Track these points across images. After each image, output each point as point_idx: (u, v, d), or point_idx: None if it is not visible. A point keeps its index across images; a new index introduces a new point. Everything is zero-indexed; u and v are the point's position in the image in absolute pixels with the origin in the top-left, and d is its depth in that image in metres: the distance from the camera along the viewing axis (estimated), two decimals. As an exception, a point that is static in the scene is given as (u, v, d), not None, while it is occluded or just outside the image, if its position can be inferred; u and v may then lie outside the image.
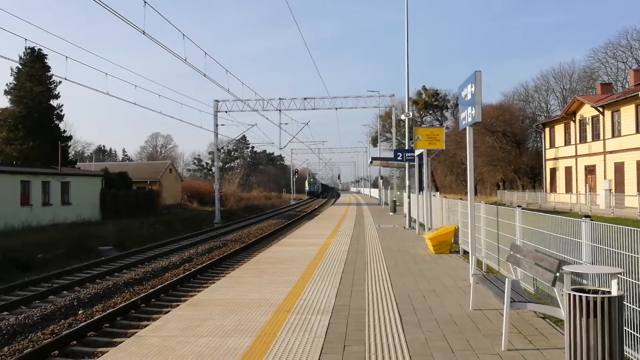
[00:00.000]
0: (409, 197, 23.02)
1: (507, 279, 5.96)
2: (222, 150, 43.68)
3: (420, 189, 21.72)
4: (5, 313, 12.17)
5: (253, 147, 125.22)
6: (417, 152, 19.60)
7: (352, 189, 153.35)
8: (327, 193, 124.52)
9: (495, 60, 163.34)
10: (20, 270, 19.40)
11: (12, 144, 42.16)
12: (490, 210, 10.72)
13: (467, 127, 8.98)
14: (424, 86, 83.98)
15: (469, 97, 8.58)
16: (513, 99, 74.40)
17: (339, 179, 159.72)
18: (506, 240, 9.21)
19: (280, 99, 43.84)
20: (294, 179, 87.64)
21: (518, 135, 65.85)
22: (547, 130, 51.33)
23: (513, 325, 6.42)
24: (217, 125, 44.49)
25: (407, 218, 22.42)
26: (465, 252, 12.75)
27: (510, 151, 64.74)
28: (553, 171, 49.53)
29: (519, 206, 9.39)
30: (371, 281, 9.78)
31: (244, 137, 72.99)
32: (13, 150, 41.95)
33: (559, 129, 48.34)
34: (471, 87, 8.43)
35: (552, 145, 49.87)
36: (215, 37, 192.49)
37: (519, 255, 7.24)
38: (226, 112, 44.31)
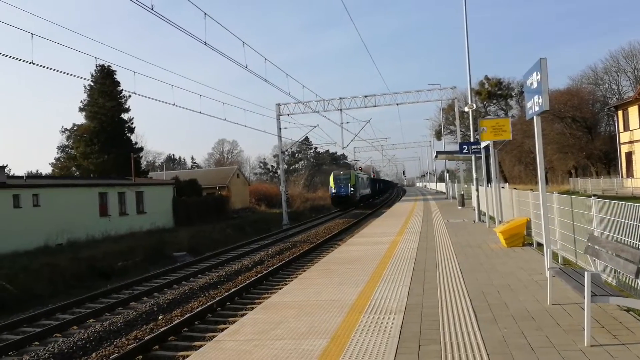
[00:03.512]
0: (477, 190, 22.51)
1: (586, 272, 5.73)
2: (286, 153, 44.84)
3: (488, 181, 21.20)
4: (91, 320, 12.87)
5: (316, 148, 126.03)
6: (483, 144, 19.13)
7: (418, 184, 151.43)
8: (387, 192, 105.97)
9: (559, 43, 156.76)
10: (103, 278, 20.46)
11: (88, 158, 44.53)
12: (563, 201, 10.32)
13: (535, 116, 8.70)
14: (486, 76, 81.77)
15: (535, 85, 8.31)
16: (581, 83, 71.01)
17: (403, 174, 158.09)
18: (582, 231, 8.85)
19: (340, 98, 43.97)
20: None
21: (589, 120, 62.91)
22: (620, 112, 48.74)
23: (595, 320, 6.16)
24: (280, 128, 45.21)
25: (476, 212, 21.93)
26: (539, 245, 12.33)
27: (581, 137, 61.97)
28: (629, 155, 46.98)
29: (594, 195, 8.99)
30: (443, 278, 9.65)
31: (306, 139, 73.50)
32: (90, 164, 44.32)
33: (633, 110, 45.79)
34: (536, 75, 8.16)
35: (626, 128, 47.32)
36: (273, 42, 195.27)
37: (597, 247, 6.94)
38: (288, 115, 44.94)
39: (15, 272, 18.35)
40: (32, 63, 16.26)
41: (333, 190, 51.14)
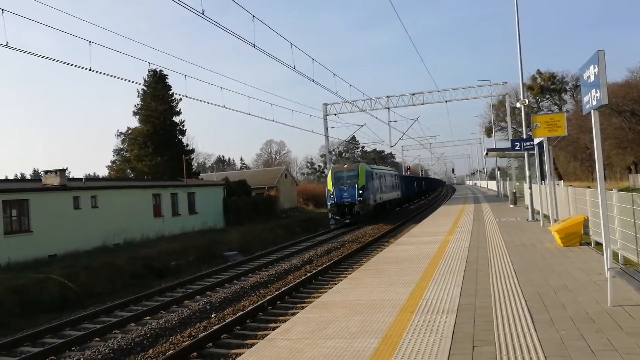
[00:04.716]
0: (530, 188, 21.93)
1: (649, 273, 5.50)
2: (333, 152, 44.21)
3: (542, 178, 20.63)
4: (147, 318, 13.25)
5: (363, 147, 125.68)
6: (536, 141, 18.62)
7: (468, 182, 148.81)
8: (433, 192, 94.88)
9: (616, 34, 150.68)
10: (157, 277, 21.05)
11: (142, 160, 45.89)
12: (624, 198, 9.93)
13: (592, 111, 8.40)
14: (538, 70, 79.45)
15: (592, 78, 8.03)
16: (640, 75, 68.03)
17: (452, 173, 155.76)
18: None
19: (388, 96, 43.75)
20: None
21: (649, 114, 60.19)
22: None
23: (660, 323, 5.90)
24: (327, 128, 45.32)
25: (530, 210, 21.36)
26: (598, 244, 11.90)
27: (641, 131, 59.38)
28: (694, 149, 44.73)
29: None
30: (496, 278, 9.44)
31: (353, 138, 73.47)
32: (144, 166, 45.66)
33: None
34: (594, 68, 7.88)
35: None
36: (321, 42, 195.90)
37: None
38: (335, 114, 45.04)
39: (76, 271, 19.11)
40: (90, 69, 16.87)
41: (331, 195, 34.78)
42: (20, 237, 23.07)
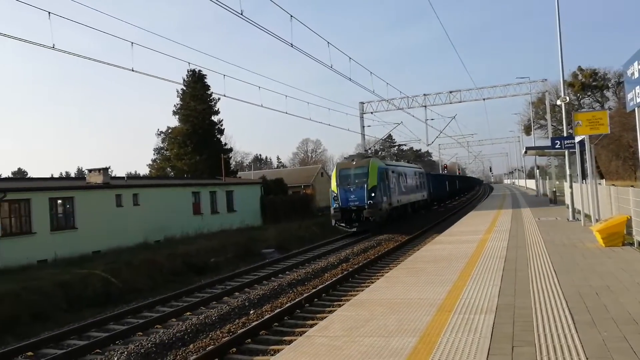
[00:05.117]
0: (570, 187, 21.49)
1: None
2: (369, 151, 44.23)
3: (583, 177, 20.21)
4: (188, 313, 13.56)
5: (399, 145, 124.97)
6: (577, 139, 18.24)
7: (506, 181, 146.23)
8: (469, 191, 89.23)
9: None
10: (197, 273, 21.47)
11: (182, 159, 46.82)
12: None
13: (636, 108, 8.23)
14: (579, 66, 77.25)
15: (636, 75, 7.87)
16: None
17: (490, 171, 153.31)
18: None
19: (424, 95, 43.41)
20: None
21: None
22: None
23: None
24: (363, 126, 45.27)
25: (570, 209, 20.93)
26: (642, 245, 11.62)
27: (688, 128, 57.20)
28: None
29: None
30: (535, 278, 9.34)
31: (390, 136, 73.12)
32: (183, 165, 46.59)
33: None
34: (638, 64, 7.73)
35: None
36: (358, 41, 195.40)
37: None
38: (372, 113, 44.92)
39: (119, 267, 19.65)
40: (132, 70, 17.33)
41: (335, 197, 28.74)
42: (65, 233, 23.88)
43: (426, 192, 42.15)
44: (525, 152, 35.45)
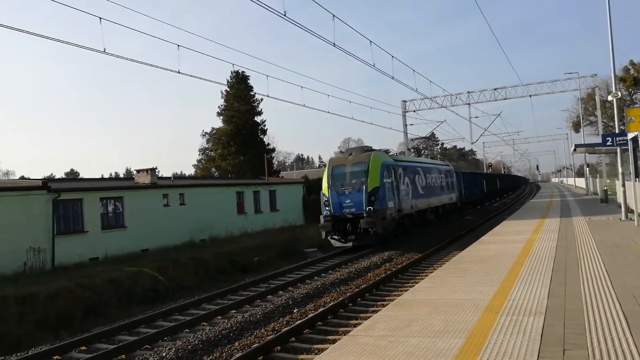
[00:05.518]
0: (623, 185, 20.76)
1: None
2: (412, 150, 43.46)
3: (637, 175, 19.50)
4: (233, 311, 13.75)
5: (443, 144, 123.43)
6: (630, 135, 17.62)
7: (553, 180, 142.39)
8: (514, 191, 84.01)
9: None
10: (241, 272, 21.76)
11: (226, 159, 47.54)
12: None
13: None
14: (631, 60, 74.15)
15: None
16: None
17: (537, 169, 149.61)
18: None
19: (468, 92, 42.76)
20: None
21: None
22: None
23: None
24: (405, 125, 44.92)
25: (623, 209, 20.23)
26: (701, 246, 11.13)
27: None
28: None
29: None
30: (586, 279, 9.06)
31: (433, 134, 72.28)
32: (227, 165, 47.29)
33: None
34: (696, 58, 7.39)
35: None
36: (400, 39, 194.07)
37: None
38: (414, 111, 44.53)
39: (166, 265, 20.13)
40: (179, 72, 17.72)
41: (326, 201, 22.66)
42: (115, 232, 24.60)
43: (455, 194, 35.55)
44: (575, 150, 34.47)
